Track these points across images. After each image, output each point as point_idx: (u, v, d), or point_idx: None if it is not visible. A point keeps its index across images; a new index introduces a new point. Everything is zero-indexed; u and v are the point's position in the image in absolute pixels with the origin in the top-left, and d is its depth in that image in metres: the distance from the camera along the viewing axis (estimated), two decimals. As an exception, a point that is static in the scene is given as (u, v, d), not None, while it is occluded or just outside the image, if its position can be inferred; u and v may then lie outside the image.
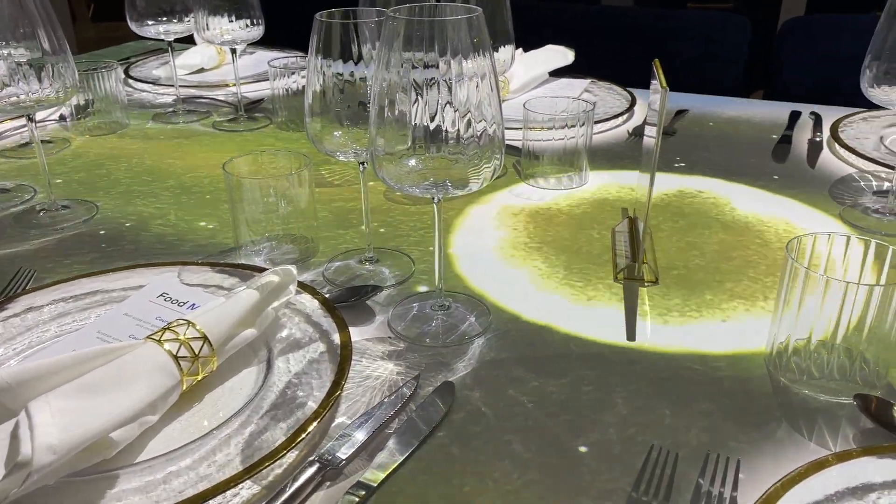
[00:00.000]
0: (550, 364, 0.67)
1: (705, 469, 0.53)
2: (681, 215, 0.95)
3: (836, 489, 0.50)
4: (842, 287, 0.59)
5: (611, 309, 0.75)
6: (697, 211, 0.96)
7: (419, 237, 0.89)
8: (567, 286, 0.79)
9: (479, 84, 0.61)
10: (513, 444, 0.58)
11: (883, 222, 0.90)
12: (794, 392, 0.62)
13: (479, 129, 0.62)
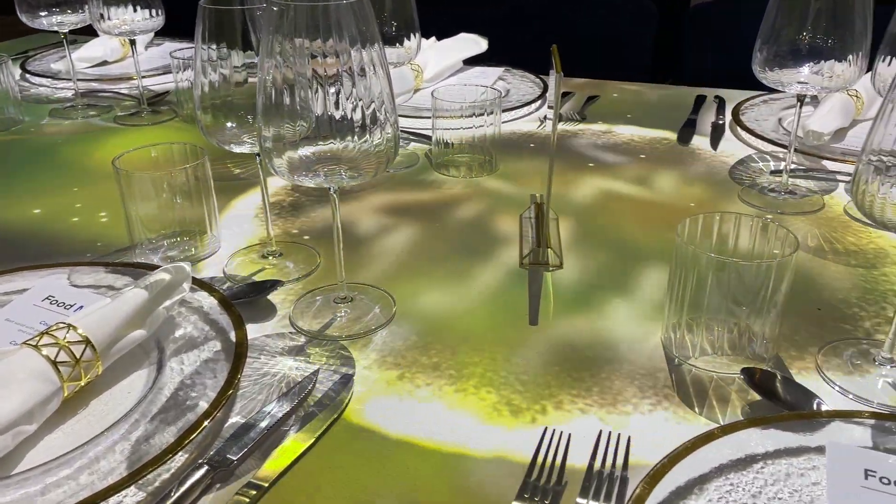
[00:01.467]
0: (453, 350, 0.67)
1: (597, 449, 0.54)
2: (588, 200, 0.96)
3: (723, 461, 0.52)
4: (729, 265, 0.60)
5: (516, 294, 0.75)
6: (605, 196, 0.97)
7: (327, 229, 0.88)
8: (474, 273, 0.79)
9: (368, 70, 0.60)
10: (414, 434, 0.57)
11: (778, 201, 0.94)
12: (687, 368, 0.64)
13: (369, 116, 0.61)
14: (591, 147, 1.13)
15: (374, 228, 0.89)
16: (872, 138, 0.56)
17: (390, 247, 0.85)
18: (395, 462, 0.55)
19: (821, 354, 0.65)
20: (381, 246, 0.85)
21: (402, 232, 0.88)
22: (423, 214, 0.92)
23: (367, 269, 0.80)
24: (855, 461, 0.51)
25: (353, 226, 0.89)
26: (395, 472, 0.54)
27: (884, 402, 0.60)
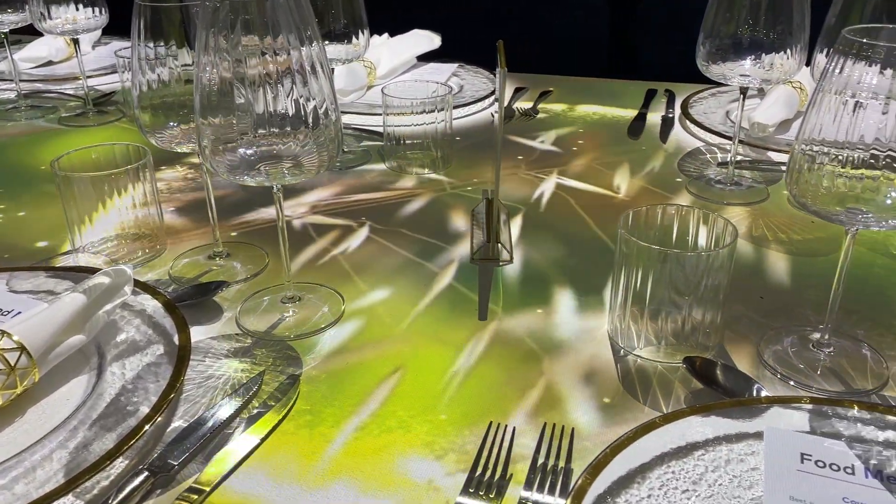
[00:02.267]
0: (402, 346, 0.66)
1: (541, 441, 0.54)
2: (539, 194, 0.96)
3: (664, 450, 0.52)
4: (671, 255, 0.61)
5: (467, 289, 0.75)
6: (556, 190, 0.97)
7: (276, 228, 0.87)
8: (426, 269, 0.79)
9: (307, 67, 0.59)
10: (360, 436, 0.57)
11: (724, 192, 0.95)
12: (632, 359, 0.65)
13: (310, 114, 0.60)
14: (542, 142, 1.14)
15: (325, 226, 0.88)
16: (805, 127, 0.57)
17: (342, 244, 0.84)
18: (341, 460, 0.54)
19: (763, 342, 0.66)
20: (333, 244, 0.84)
21: (354, 229, 0.87)
22: (374, 211, 0.92)
23: (318, 267, 0.79)
24: (791, 445, 0.52)
25: (303, 224, 0.89)
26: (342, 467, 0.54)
27: (823, 387, 0.61)
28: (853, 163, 0.55)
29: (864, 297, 0.73)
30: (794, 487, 0.49)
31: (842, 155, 0.55)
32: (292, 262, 0.79)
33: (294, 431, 0.57)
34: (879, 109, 0.53)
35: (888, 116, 0.53)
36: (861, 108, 0.54)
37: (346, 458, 0.55)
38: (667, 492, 0.49)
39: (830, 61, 0.55)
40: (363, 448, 0.55)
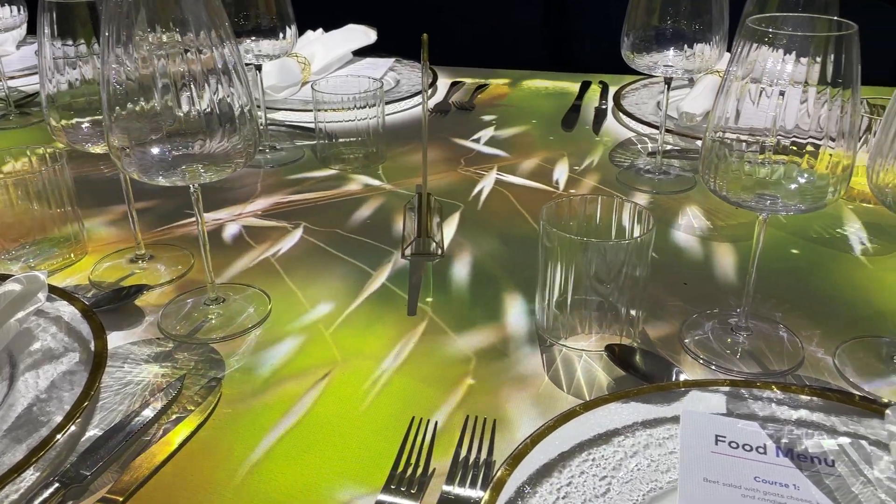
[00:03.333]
0: (329, 346, 0.66)
1: (464, 435, 0.54)
2: (473, 188, 0.96)
3: (584, 438, 0.53)
4: (591, 244, 0.62)
5: (398, 285, 0.75)
6: (489, 183, 0.98)
7: (204, 229, 0.85)
8: (357, 266, 0.78)
9: (221, 65, 0.58)
10: (284, 438, 0.56)
11: (653, 181, 0.97)
12: (558, 349, 0.65)
13: (224, 111, 0.59)
14: (477, 135, 1.14)
15: (256, 225, 0.87)
16: (714, 115, 0.58)
17: (272, 243, 0.83)
18: (263, 463, 0.53)
19: (685, 327, 0.68)
20: (263, 243, 0.83)
21: (285, 228, 0.86)
22: (306, 209, 0.91)
23: (246, 267, 0.78)
24: (706, 428, 0.53)
25: (233, 223, 0.87)
26: (265, 471, 0.53)
27: (741, 369, 0.63)
28: (760, 149, 0.56)
29: (784, 280, 0.75)
30: (707, 469, 0.50)
31: (749, 141, 0.56)
32: (221, 264, 0.77)
33: (215, 436, 0.56)
34: (783, 96, 0.55)
35: (791, 103, 0.55)
36: (765, 95, 0.55)
37: (269, 461, 0.54)
38: (586, 479, 0.50)
39: (736, 49, 0.56)
40: (286, 451, 0.55)
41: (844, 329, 0.67)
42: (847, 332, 0.67)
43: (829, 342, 0.65)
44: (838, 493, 0.48)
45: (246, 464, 0.53)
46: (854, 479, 0.49)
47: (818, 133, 0.55)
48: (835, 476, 0.49)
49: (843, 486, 0.48)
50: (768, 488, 0.48)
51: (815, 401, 0.55)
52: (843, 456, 0.50)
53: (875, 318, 0.69)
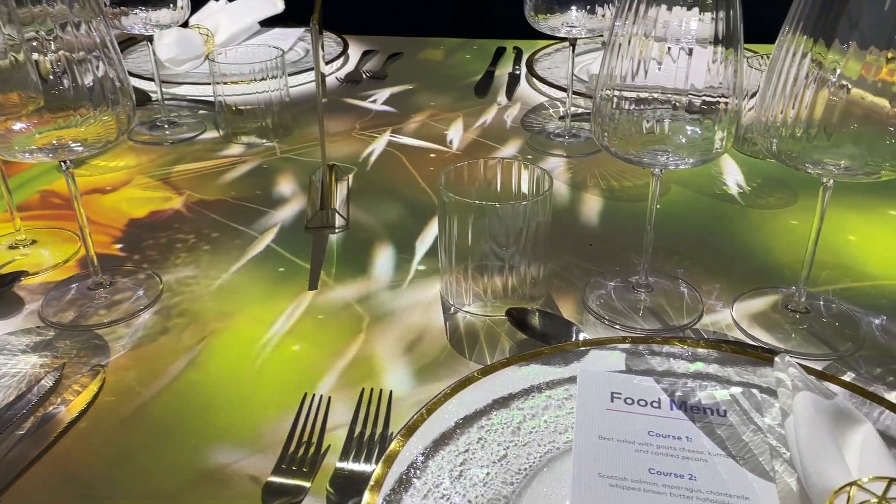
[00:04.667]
0: (226, 324, 0.63)
1: (359, 408, 0.53)
2: (382, 158, 0.94)
3: (483, 403, 0.52)
4: (488, 208, 0.61)
5: (300, 259, 0.73)
6: (399, 153, 0.96)
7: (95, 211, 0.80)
8: (260, 242, 0.75)
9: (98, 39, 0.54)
10: (170, 425, 0.53)
11: (563, 145, 0.96)
12: (462, 316, 0.64)
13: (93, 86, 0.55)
14: (389, 104, 1.11)
15: (153, 204, 0.82)
16: (602, 72, 0.57)
17: (170, 222, 0.79)
18: (143, 453, 0.51)
19: (588, 287, 0.68)
20: (160, 222, 0.79)
21: (185, 205, 0.82)
22: (207, 185, 0.87)
23: (142, 248, 0.74)
24: (602, 386, 0.53)
25: (127, 202, 0.82)
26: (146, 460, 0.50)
27: (642, 326, 0.63)
28: (648, 105, 0.56)
29: (686, 237, 0.76)
30: (602, 426, 0.49)
31: (638, 97, 0.56)
32: (110, 245, 0.73)
33: (94, 427, 0.53)
34: (669, 53, 0.54)
35: (679, 60, 0.54)
36: (653, 51, 0.54)
37: (150, 451, 0.51)
38: (485, 445, 0.49)
39: (623, 5, 0.55)
40: (170, 437, 0.52)
41: (743, 281, 0.68)
42: (746, 284, 0.68)
43: (728, 295, 0.66)
44: (729, 443, 0.48)
45: (127, 453, 0.51)
46: (745, 427, 0.49)
47: (706, 88, 0.55)
48: (726, 426, 0.49)
49: (734, 435, 0.49)
50: (661, 441, 0.48)
51: (711, 353, 0.56)
52: (735, 406, 0.51)
53: (773, 269, 0.70)
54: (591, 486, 0.45)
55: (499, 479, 0.47)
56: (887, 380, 0.56)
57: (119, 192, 0.85)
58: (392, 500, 0.44)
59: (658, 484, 0.45)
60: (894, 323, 0.62)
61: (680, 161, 0.57)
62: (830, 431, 0.44)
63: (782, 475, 0.47)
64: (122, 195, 0.85)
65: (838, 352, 0.59)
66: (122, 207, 0.82)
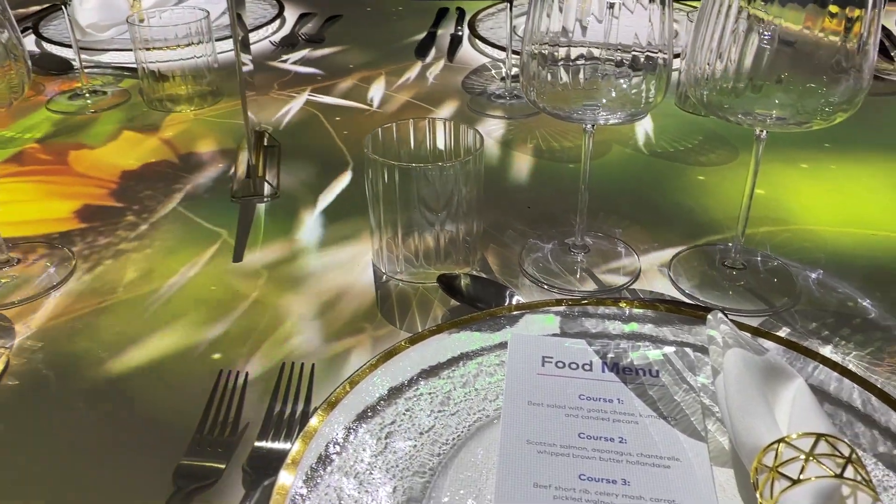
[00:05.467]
0: (144, 300, 0.60)
1: (279, 384, 0.50)
2: (316, 123, 0.90)
3: (411, 374, 0.50)
4: (415, 170, 0.58)
5: (226, 230, 0.69)
6: (334, 117, 0.92)
7: (7, 186, 0.76)
8: (184, 214, 0.71)
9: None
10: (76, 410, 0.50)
11: (504, 106, 0.94)
12: (394, 284, 0.62)
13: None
14: (324, 67, 1.07)
15: (69, 176, 0.78)
16: (528, 27, 0.54)
17: (87, 195, 0.74)
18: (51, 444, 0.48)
19: (524, 250, 0.66)
20: (75, 194, 0.74)
21: (103, 178, 0.78)
22: (128, 154, 0.82)
23: (53, 222, 0.70)
24: (533, 350, 0.51)
25: (40, 173, 0.78)
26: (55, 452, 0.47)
27: (579, 288, 0.61)
28: (576, 60, 0.53)
29: (625, 196, 0.74)
30: (532, 392, 0.48)
31: (565, 53, 0.53)
32: (17, 219, 0.69)
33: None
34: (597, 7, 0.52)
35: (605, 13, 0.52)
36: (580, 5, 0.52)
37: (59, 441, 0.48)
38: (412, 416, 0.47)
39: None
40: (78, 426, 0.49)
41: (682, 240, 0.67)
42: (684, 242, 0.66)
43: (666, 254, 0.65)
44: (661, 403, 0.47)
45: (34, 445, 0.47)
46: (677, 387, 0.48)
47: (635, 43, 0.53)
48: (659, 386, 0.48)
49: (666, 395, 0.48)
50: (592, 405, 0.47)
51: (647, 313, 0.54)
52: (668, 366, 0.50)
53: (710, 226, 0.69)
54: (519, 453, 0.44)
55: (425, 451, 0.45)
56: (822, 334, 0.56)
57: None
58: (311, 477, 0.42)
59: (588, 448, 0.44)
60: (831, 277, 0.62)
61: (610, 115, 0.55)
62: (760, 388, 0.43)
63: (714, 434, 0.46)
64: (42, 167, 0.80)
65: (774, 307, 0.58)
66: (34, 179, 0.77)
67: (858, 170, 0.78)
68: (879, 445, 0.44)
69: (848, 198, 0.73)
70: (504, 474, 0.42)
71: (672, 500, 0.41)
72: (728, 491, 0.42)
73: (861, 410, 0.46)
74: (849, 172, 0.78)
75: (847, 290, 0.60)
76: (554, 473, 0.42)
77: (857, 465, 0.37)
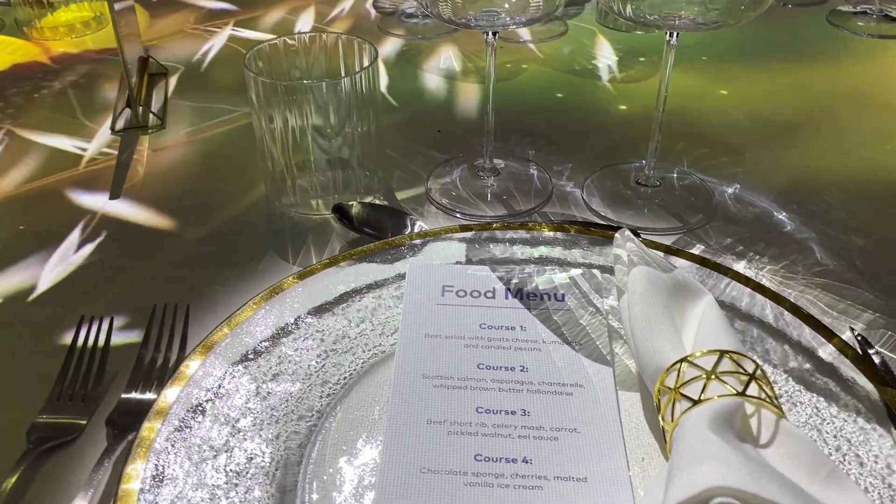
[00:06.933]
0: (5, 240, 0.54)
1: (150, 329, 0.45)
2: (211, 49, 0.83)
3: (300, 311, 0.45)
4: (303, 88, 0.52)
5: (108, 166, 0.63)
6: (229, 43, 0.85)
7: None
8: (57, 149, 0.65)
9: None
10: None
11: (418, 26, 0.88)
12: (290, 216, 0.57)
13: None
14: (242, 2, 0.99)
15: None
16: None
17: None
18: None
19: (431, 176, 0.61)
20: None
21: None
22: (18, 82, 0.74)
23: None
24: (433, 279, 0.47)
25: None
26: None
27: (487, 213, 0.58)
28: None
29: (540, 116, 0.70)
30: (430, 323, 0.44)
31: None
32: None
33: None
34: None
35: None
36: None
37: None
38: (301, 356, 0.43)
39: None
40: None
41: (597, 160, 0.63)
42: (600, 162, 0.63)
43: (579, 175, 0.62)
44: (566, 328, 0.44)
45: None
46: (583, 310, 0.45)
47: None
48: (564, 311, 0.45)
49: (571, 319, 0.45)
50: (493, 333, 0.44)
51: (556, 236, 0.51)
52: (574, 289, 0.47)
53: (625, 144, 0.66)
54: (413, 388, 0.40)
55: (314, 393, 0.41)
56: (737, 249, 0.53)
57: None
58: (179, 428, 0.38)
59: (487, 380, 0.41)
60: (748, 191, 0.59)
61: (510, 23, 0.50)
62: (666, 306, 0.40)
63: (622, 358, 0.43)
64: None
65: (688, 224, 0.55)
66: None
67: (780, 83, 0.76)
68: (790, 361, 0.42)
69: (768, 111, 0.71)
70: (396, 412, 0.39)
71: (574, 428, 0.38)
72: (634, 416, 0.40)
73: (773, 326, 0.44)
74: (770, 87, 0.75)
75: (764, 204, 0.58)
76: (450, 408, 0.39)
77: (762, 381, 0.35)
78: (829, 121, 0.69)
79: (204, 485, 0.35)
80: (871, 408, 0.38)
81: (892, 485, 0.35)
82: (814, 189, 0.59)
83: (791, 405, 0.39)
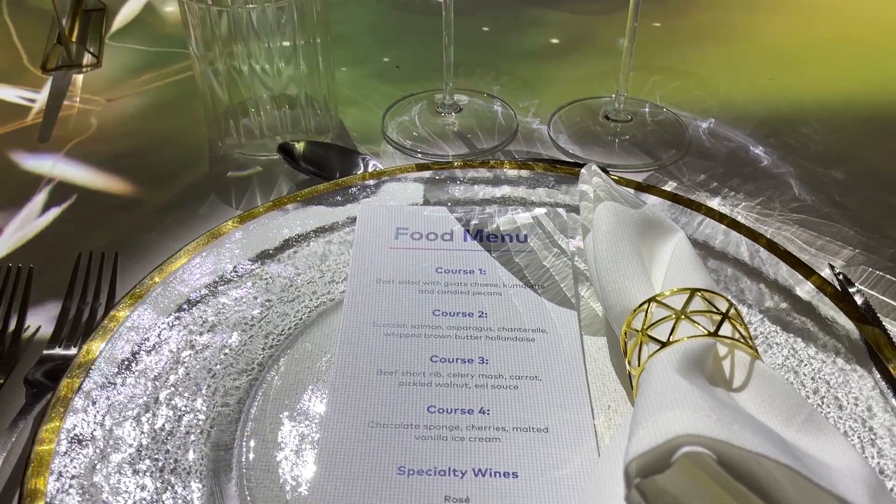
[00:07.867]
0: None
1: (75, 279, 0.42)
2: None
3: (242, 257, 0.42)
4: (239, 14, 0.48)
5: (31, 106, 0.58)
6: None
7: None
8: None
9: None
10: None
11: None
12: (233, 159, 0.53)
13: None
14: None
15: None
16: None
17: None
18: None
19: (388, 115, 0.57)
20: None
21: None
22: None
23: None
24: (386, 221, 0.44)
25: None
26: None
27: (448, 151, 0.54)
28: None
29: (506, 50, 0.66)
30: (382, 268, 0.41)
31: None
32: None
33: None
34: None
35: None
36: None
37: None
38: (241, 306, 0.39)
39: None
40: None
41: (564, 95, 0.60)
42: (568, 97, 0.59)
43: (547, 111, 0.58)
44: (528, 271, 0.41)
45: None
46: (547, 252, 0.42)
47: None
48: (526, 252, 0.42)
49: (534, 261, 0.42)
50: (450, 278, 0.40)
51: (520, 174, 0.48)
52: (537, 229, 0.43)
53: (594, 79, 0.62)
54: (363, 338, 0.37)
55: (255, 345, 0.38)
56: (711, 185, 0.50)
57: None
58: (105, 384, 0.34)
59: (443, 327, 0.38)
60: (722, 125, 0.56)
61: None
62: (634, 244, 0.37)
63: (588, 301, 0.40)
64: None
65: (661, 160, 0.52)
66: None
67: (757, 16, 0.72)
68: (766, 300, 0.39)
69: (745, 42, 0.68)
70: (344, 362, 0.36)
71: (535, 375, 0.35)
72: (599, 361, 0.37)
73: (749, 264, 0.41)
74: (746, 17, 0.72)
75: (740, 138, 0.55)
76: (402, 357, 0.36)
77: (736, 321, 0.32)
78: (807, 51, 0.66)
79: (128, 445, 0.32)
80: (851, 348, 0.36)
81: (872, 428, 0.32)
82: (791, 122, 0.56)
83: (767, 346, 0.37)
